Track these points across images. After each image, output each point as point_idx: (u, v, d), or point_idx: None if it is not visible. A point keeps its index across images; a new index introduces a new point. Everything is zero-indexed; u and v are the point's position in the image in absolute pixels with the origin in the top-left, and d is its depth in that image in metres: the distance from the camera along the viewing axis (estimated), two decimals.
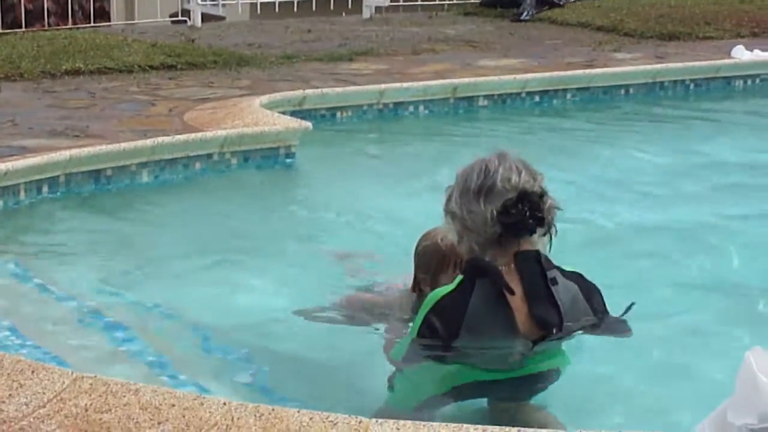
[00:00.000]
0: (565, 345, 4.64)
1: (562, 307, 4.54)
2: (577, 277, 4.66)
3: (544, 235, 4.56)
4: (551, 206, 4.53)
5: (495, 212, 4.47)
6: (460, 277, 4.59)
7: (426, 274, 5.56)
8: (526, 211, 4.48)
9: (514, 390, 4.61)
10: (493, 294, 4.51)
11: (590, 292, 4.68)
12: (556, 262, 4.56)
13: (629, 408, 4.61)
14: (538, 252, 4.55)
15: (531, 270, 4.55)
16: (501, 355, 4.61)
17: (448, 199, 4.66)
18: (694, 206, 7.55)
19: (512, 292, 4.52)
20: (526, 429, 3.98)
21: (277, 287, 6.17)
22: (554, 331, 4.55)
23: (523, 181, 4.48)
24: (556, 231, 4.56)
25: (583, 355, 4.72)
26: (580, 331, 4.66)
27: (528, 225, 4.49)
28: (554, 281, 4.56)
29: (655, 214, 7.34)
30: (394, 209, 6.56)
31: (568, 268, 4.62)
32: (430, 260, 5.57)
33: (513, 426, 4.01)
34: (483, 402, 4.66)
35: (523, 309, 4.52)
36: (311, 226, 6.54)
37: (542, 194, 4.51)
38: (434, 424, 3.98)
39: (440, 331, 4.55)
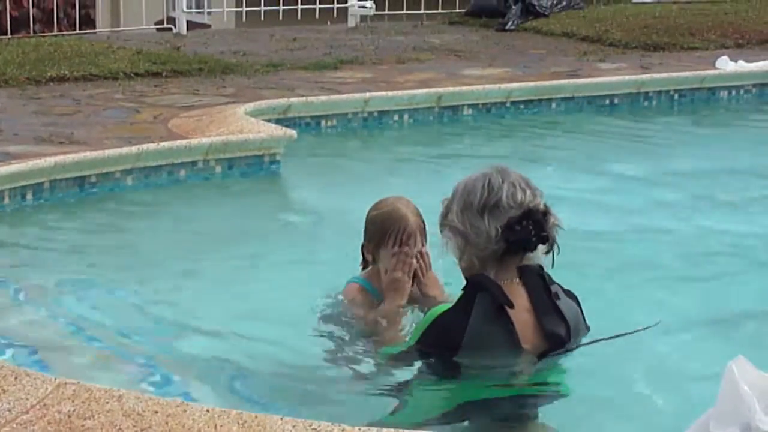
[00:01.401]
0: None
1: (570, 322, 4.59)
2: (573, 296, 4.70)
3: (547, 252, 4.59)
4: (554, 224, 4.56)
5: (500, 229, 4.50)
6: (461, 293, 4.59)
7: (370, 242, 5.64)
8: (531, 229, 4.51)
9: (519, 407, 4.60)
10: (494, 308, 4.52)
11: (582, 312, 4.73)
12: None
13: (618, 419, 4.64)
14: (540, 266, 4.59)
15: (536, 284, 4.58)
16: (505, 371, 4.61)
17: (447, 213, 4.67)
18: (675, 215, 7.58)
19: (512, 306, 4.52)
20: None
21: (262, 293, 6.17)
22: (562, 344, 4.59)
23: (528, 199, 4.51)
24: (559, 249, 4.59)
25: (577, 371, 4.74)
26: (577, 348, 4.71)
27: (532, 242, 4.53)
28: (557, 296, 4.59)
29: (635, 221, 7.36)
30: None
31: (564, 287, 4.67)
32: (376, 231, 5.62)
33: None
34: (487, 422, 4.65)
35: (529, 322, 4.54)
36: (295, 233, 6.54)
37: (546, 212, 4.55)
38: None
39: (441, 345, 4.57)
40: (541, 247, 4.56)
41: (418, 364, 4.73)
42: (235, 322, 5.90)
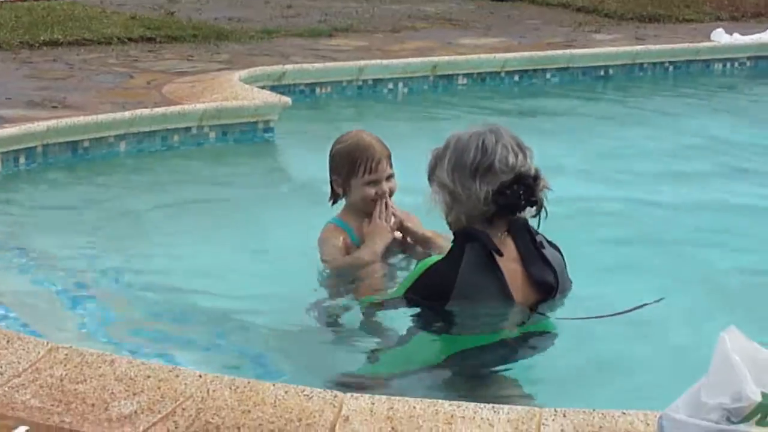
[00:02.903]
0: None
1: (557, 269, 4.67)
2: (557, 246, 4.76)
3: (536, 216, 4.64)
4: (544, 186, 4.60)
5: (491, 192, 4.53)
6: (451, 245, 4.66)
7: (339, 176, 5.73)
8: (521, 193, 4.55)
9: (510, 353, 4.66)
10: (483, 257, 4.58)
11: (565, 263, 4.79)
12: None
13: (609, 387, 4.65)
14: (526, 220, 4.65)
15: (522, 235, 4.65)
16: (496, 320, 4.68)
17: (436, 167, 4.72)
18: (672, 185, 7.60)
19: (500, 254, 4.58)
20: (499, 406, 4.00)
21: (254, 256, 6.21)
22: (552, 292, 4.67)
23: (519, 163, 4.55)
24: (547, 212, 4.64)
25: (573, 341, 4.77)
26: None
27: (521, 206, 4.58)
28: (542, 245, 4.66)
29: (628, 193, 7.36)
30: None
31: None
32: (343, 162, 5.72)
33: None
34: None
35: (518, 272, 4.62)
36: (288, 199, 6.55)
37: (537, 176, 4.59)
38: (409, 399, 4.01)
39: (432, 295, 4.62)
40: (530, 209, 4.61)
41: (406, 313, 4.77)
42: (226, 284, 5.93)
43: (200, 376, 4.13)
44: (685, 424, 3.54)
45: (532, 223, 4.69)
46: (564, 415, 3.91)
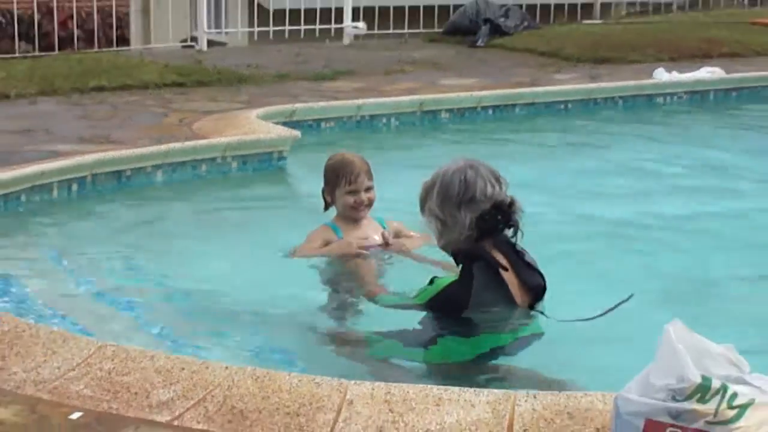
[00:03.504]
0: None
1: (540, 270, 4.74)
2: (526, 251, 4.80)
3: (513, 236, 4.71)
4: (518, 210, 4.66)
5: (474, 219, 4.59)
6: (461, 267, 4.69)
7: (328, 185, 6.00)
8: (499, 218, 4.63)
9: (514, 350, 4.73)
10: (491, 274, 4.63)
11: None
12: None
13: (578, 372, 4.65)
14: (505, 234, 4.71)
15: (507, 248, 4.69)
16: (506, 324, 4.75)
17: (427, 200, 4.78)
18: (619, 203, 7.60)
19: (506, 269, 4.64)
20: (480, 389, 3.99)
21: (270, 265, 6.19)
22: (544, 293, 4.74)
23: (496, 193, 4.62)
24: (522, 233, 4.70)
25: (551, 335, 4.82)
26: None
27: (500, 229, 4.65)
28: (522, 252, 4.71)
29: (585, 209, 7.36)
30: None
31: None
32: (330, 176, 6.00)
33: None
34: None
35: (514, 282, 4.67)
36: (298, 217, 6.54)
37: (512, 203, 4.65)
38: (403, 384, 4.00)
39: (449, 309, 4.69)
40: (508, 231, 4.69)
41: (420, 316, 4.81)
42: (248, 289, 5.94)
43: (226, 368, 4.13)
44: (637, 403, 3.53)
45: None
46: (534, 397, 3.91)
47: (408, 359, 4.73)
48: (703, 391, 3.47)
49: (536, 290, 4.73)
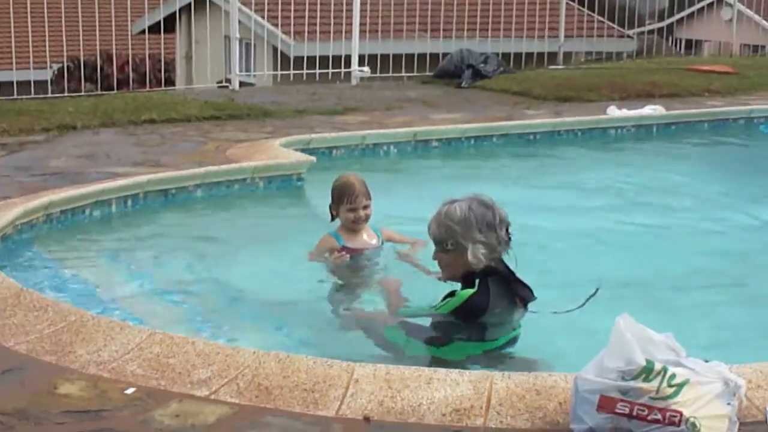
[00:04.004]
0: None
1: (529, 286, 4.79)
2: None
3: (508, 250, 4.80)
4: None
5: (506, 232, 4.72)
6: (478, 281, 4.69)
7: (333, 203, 6.07)
8: (509, 236, 4.75)
9: (507, 347, 4.78)
10: (503, 286, 4.72)
11: None
12: None
13: (544, 356, 4.67)
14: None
15: (504, 267, 4.76)
16: (507, 325, 4.79)
17: (466, 233, 4.69)
18: (579, 216, 7.61)
19: (516, 282, 4.75)
20: (463, 371, 3.99)
21: (291, 268, 6.20)
22: (530, 301, 4.79)
23: (505, 215, 4.75)
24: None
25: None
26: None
27: (510, 239, 4.74)
28: (513, 272, 4.77)
29: (549, 222, 7.35)
30: (376, 215, 6.60)
31: None
32: (335, 195, 6.06)
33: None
34: None
35: (517, 294, 4.78)
36: (312, 227, 6.54)
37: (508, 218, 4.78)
38: (400, 366, 4.01)
39: (471, 316, 4.67)
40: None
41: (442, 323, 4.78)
42: (272, 287, 5.97)
43: (254, 352, 4.14)
44: (593, 382, 3.53)
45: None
46: (509, 377, 3.93)
47: (422, 353, 4.71)
48: (647, 372, 3.48)
49: (526, 300, 4.78)
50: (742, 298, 6.02)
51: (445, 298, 4.73)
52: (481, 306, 4.62)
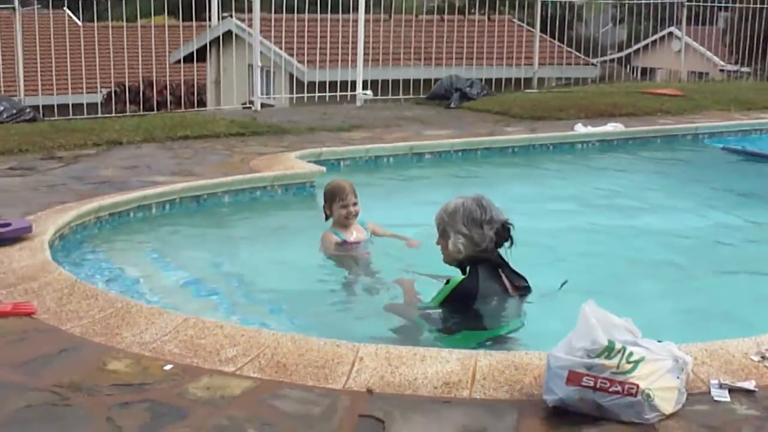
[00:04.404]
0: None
1: (524, 276, 4.75)
2: None
3: (510, 246, 4.72)
4: (512, 226, 4.71)
5: (494, 232, 4.63)
6: (468, 268, 4.66)
7: (326, 203, 6.13)
8: (506, 234, 4.67)
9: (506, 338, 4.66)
10: (492, 270, 4.65)
11: None
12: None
13: (522, 337, 4.66)
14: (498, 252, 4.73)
15: (500, 260, 4.72)
16: (504, 314, 4.68)
17: (452, 224, 4.70)
18: (548, 218, 7.59)
19: (502, 266, 4.67)
20: (452, 350, 3.98)
21: (305, 262, 6.20)
22: (528, 291, 4.74)
23: (502, 216, 4.69)
24: (513, 244, 4.72)
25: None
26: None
27: (505, 239, 4.67)
28: (509, 264, 4.74)
29: (525, 223, 7.31)
30: (378, 217, 6.61)
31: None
32: (327, 196, 6.14)
33: None
34: None
35: (509, 285, 4.70)
36: (321, 226, 6.53)
37: (508, 221, 4.70)
38: (398, 346, 4.02)
39: (463, 301, 4.60)
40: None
41: (442, 314, 4.72)
42: (289, 278, 5.98)
43: (273, 334, 4.15)
44: (562, 359, 3.53)
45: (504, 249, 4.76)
46: (491, 355, 3.93)
47: (435, 339, 4.65)
48: (608, 350, 3.48)
49: (522, 290, 4.72)
50: (690, 287, 6.03)
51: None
52: (471, 289, 4.56)
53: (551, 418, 3.47)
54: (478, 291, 4.57)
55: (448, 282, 4.68)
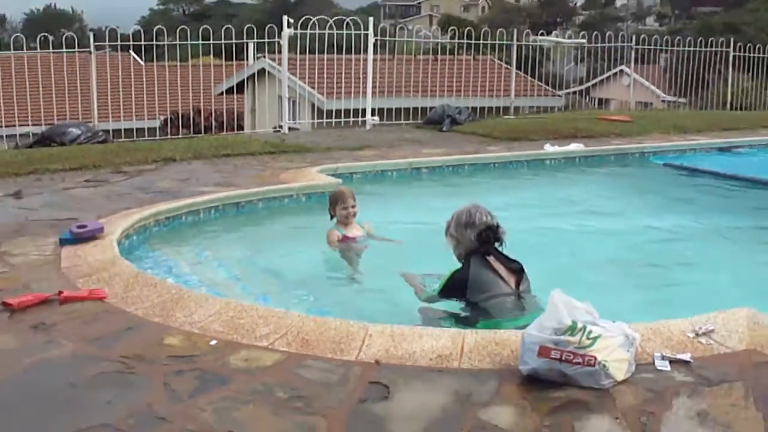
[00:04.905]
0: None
1: (519, 261, 4.57)
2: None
3: (500, 246, 4.60)
4: (503, 232, 4.61)
5: (474, 235, 4.56)
6: (463, 260, 4.59)
7: (330, 206, 6.22)
8: (489, 235, 4.56)
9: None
10: (481, 259, 4.52)
11: None
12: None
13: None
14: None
15: (496, 252, 4.59)
16: (504, 303, 4.44)
17: (448, 228, 4.68)
18: (523, 221, 7.53)
19: (488, 254, 4.51)
20: (444, 329, 3.97)
21: (322, 256, 6.20)
22: (523, 273, 4.53)
23: (487, 220, 4.57)
24: (505, 244, 4.63)
25: None
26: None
27: (490, 242, 4.56)
28: (504, 254, 4.61)
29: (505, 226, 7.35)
30: (382, 222, 6.61)
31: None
32: (332, 200, 6.25)
33: None
34: None
35: (501, 268, 4.53)
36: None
37: (498, 226, 4.60)
38: (401, 325, 4.00)
39: (457, 288, 4.51)
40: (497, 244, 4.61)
41: (441, 304, 4.65)
42: (310, 268, 5.98)
43: (299, 315, 4.15)
44: (535, 336, 3.53)
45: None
46: (476, 333, 3.92)
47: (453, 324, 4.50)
48: (572, 329, 3.48)
49: (517, 272, 4.55)
50: (637, 279, 6.03)
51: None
52: (461, 278, 4.50)
53: (525, 384, 3.47)
54: (468, 278, 4.51)
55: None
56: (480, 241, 4.58)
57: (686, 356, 3.72)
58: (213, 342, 3.91)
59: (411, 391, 3.43)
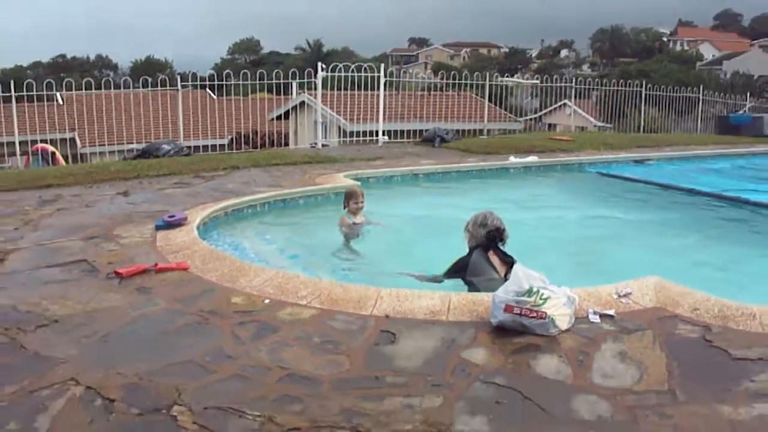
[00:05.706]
0: None
1: (514, 257, 4.47)
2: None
3: (503, 244, 4.49)
4: (506, 235, 4.51)
5: (484, 233, 4.48)
6: (469, 250, 4.50)
7: (345, 200, 6.09)
8: (496, 236, 4.47)
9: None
10: (482, 252, 4.46)
11: None
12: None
13: None
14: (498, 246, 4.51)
15: (498, 250, 4.50)
16: (492, 284, 4.30)
17: (467, 225, 4.58)
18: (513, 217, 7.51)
19: (488, 249, 4.42)
20: (435, 291, 3.96)
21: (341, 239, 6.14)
22: (513, 263, 4.34)
23: (497, 224, 4.49)
24: (504, 242, 4.50)
25: None
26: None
27: (496, 240, 4.46)
28: (504, 252, 4.50)
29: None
30: (396, 219, 6.56)
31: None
32: (346, 195, 6.13)
33: None
34: None
35: (497, 261, 4.44)
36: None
37: (503, 229, 4.50)
38: (404, 289, 3.96)
39: (458, 271, 4.43)
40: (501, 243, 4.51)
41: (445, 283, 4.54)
42: (329, 248, 5.87)
43: (330, 282, 4.14)
44: (502, 297, 3.52)
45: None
46: (460, 295, 3.91)
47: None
48: (529, 292, 3.47)
49: (509, 264, 4.41)
50: (576, 255, 6.01)
51: None
52: (465, 262, 4.44)
53: (495, 332, 3.48)
54: (469, 263, 4.47)
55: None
56: (488, 238, 4.54)
57: (611, 312, 3.71)
58: (266, 301, 3.92)
59: (411, 338, 3.44)
